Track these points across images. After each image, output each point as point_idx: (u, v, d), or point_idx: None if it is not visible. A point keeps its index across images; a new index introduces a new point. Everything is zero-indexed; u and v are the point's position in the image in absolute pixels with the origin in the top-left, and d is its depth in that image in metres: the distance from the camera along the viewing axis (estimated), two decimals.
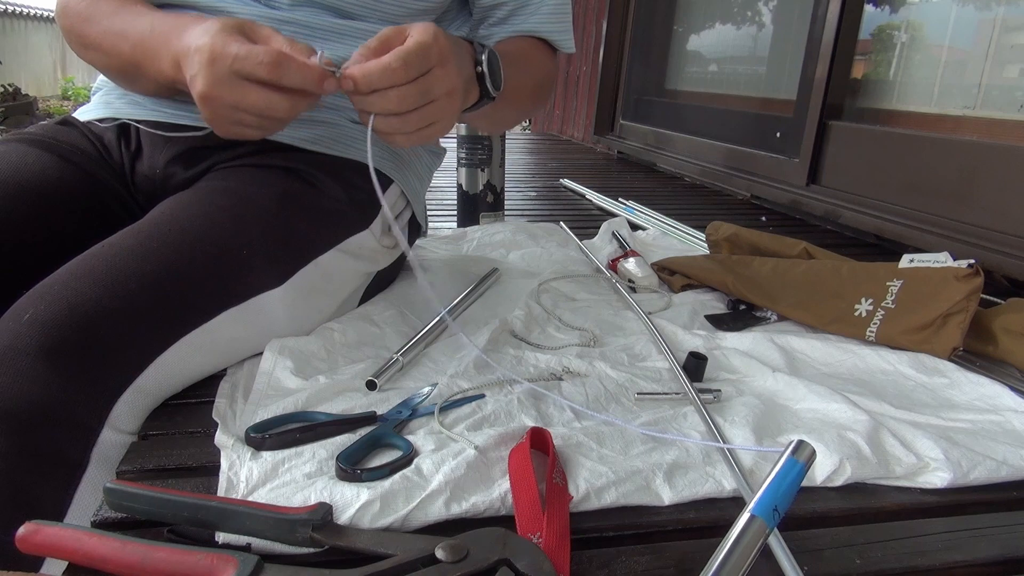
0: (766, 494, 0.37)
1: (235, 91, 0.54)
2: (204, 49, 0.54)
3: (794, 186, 1.64)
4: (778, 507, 0.37)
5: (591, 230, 1.23)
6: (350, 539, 0.41)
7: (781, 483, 0.38)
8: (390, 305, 0.80)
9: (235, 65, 0.53)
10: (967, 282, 0.72)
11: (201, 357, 0.61)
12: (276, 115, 0.55)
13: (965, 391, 0.65)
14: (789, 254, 0.95)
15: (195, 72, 0.55)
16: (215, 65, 0.53)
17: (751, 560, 0.36)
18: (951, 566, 0.43)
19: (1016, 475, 0.52)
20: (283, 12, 0.71)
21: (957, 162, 1.25)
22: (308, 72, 0.53)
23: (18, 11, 9.08)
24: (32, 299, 0.53)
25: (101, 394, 0.52)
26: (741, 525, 0.37)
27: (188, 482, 0.48)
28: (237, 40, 0.54)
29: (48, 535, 0.38)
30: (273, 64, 0.52)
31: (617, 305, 0.87)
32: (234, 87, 0.53)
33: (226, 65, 0.53)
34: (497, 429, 0.52)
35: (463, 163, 1.26)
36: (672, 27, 2.64)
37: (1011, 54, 1.28)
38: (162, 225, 0.62)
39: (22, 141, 0.73)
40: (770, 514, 0.37)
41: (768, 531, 0.37)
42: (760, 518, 0.36)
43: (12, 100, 6.15)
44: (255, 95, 0.54)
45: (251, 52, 0.52)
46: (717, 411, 0.58)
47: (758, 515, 0.36)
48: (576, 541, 0.43)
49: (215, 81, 0.54)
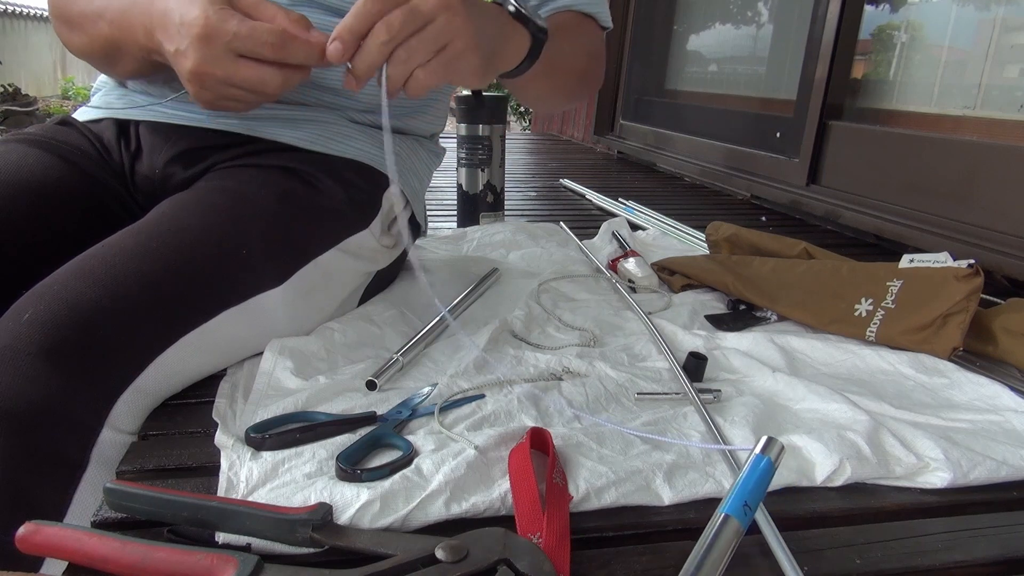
0: (737, 492, 0.39)
1: (228, 67, 0.52)
2: (196, 23, 0.52)
3: (794, 186, 1.64)
4: (748, 503, 0.38)
5: (591, 230, 1.23)
6: (350, 539, 0.41)
7: (749, 480, 0.40)
8: (390, 305, 0.80)
9: (234, 43, 0.51)
10: (967, 282, 0.72)
11: (201, 357, 0.61)
12: (268, 90, 0.54)
13: (965, 391, 0.65)
14: (789, 254, 0.95)
15: (183, 47, 0.53)
16: (210, 42, 0.52)
17: (727, 557, 0.37)
18: (951, 566, 0.43)
19: (1016, 475, 0.52)
20: None
21: (957, 162, 1.25)
22: (311, 49, 0.52)
23: (18, 11, 9.09)
24: (31, 299, 0.53)
25: (101, 394, 0.52)
26: (716, 525, 0.38)
27: (188, 482, 0.48)
28: (233, 15, 0.52)
29: (48, 535, 0.38)
30: (279, 44, 0.51)
31: (617, 305, 0.87)
32: (228, 64, 0.52)
33: (223, 42, 0.51)
34: (497, 429, 0.52)
35: (463, 163, 1.26)
36: (672, 27, 2.64)
37: (1011, 54, 1.28)
38: (162, 225, 0.62)
39: (21, 141, 0.73)
40: (741, 510, 0.38)
41: (742, 528, 0.38)
42: (733, 516, 0.38)
43: (12, 100, 6.16)
44: (249, 71, 0.53)
45: (254, 31, 0.51)
46: (717, 411, 0.58)
47: (731, 514, 0.38)
48: (576, 541, 0.43)
49: (208, 58, 0.52)
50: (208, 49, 0.52)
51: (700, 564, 0.35)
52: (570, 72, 0.78)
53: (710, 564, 0.36)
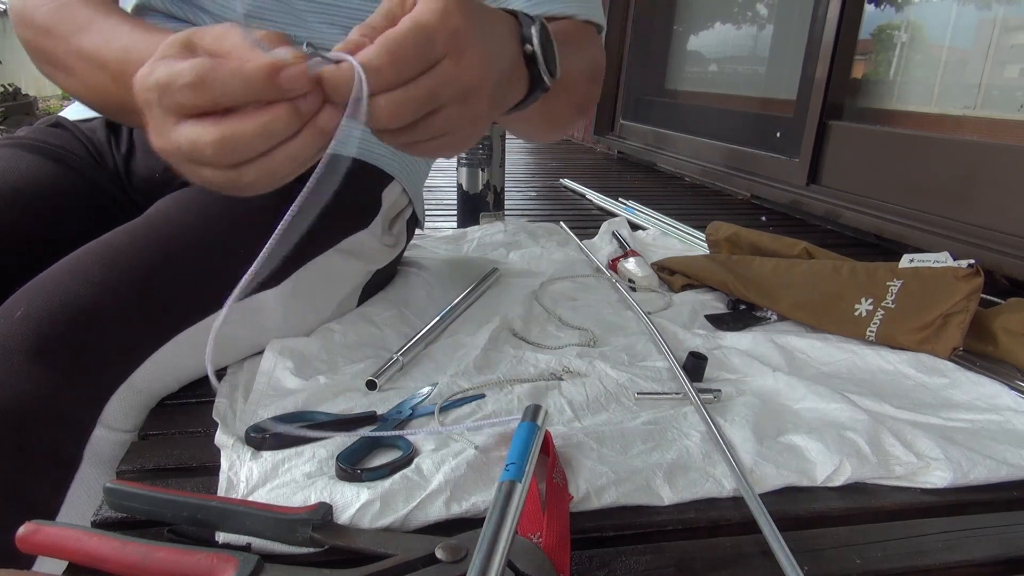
0: (508, 459, 0.42)
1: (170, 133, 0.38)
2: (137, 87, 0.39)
3: (794, 186, 1.64)
4: (515, 462, 0.41)
5: (591, 230, 1.23)
6: (350, 539, 0.41)
7: (516, 446, 0.43)
8: (390, 305, 0.80)
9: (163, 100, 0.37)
10: (967, 282, 0.72)
11: (196, 355, 0.60)
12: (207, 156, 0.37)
13: (965, 391, 0.65)
14: (789, 254, 0.95)
15: None
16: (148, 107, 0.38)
17: (515, 514, 0.38)
18: (951, 566, 0.43)
19: (1016, 475, 0.52)
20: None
21: (957, 162, 1.25)
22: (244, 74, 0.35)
23: None
24: (24, 296, 0.52)
25: (94, 392, 0.52)
26: (497, 494, 0.39)
27: (188, 482, 0.48)
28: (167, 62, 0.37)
29: (48, 535, 0.38)
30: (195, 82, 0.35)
31: (617, 305, 0.87)
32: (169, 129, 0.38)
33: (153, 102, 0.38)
34: (497, 429, 0.52)
35: (463, 163, 1.26)
36: (672, 27, 2.64)
37: (1011, 54, 1.28)
38: (158, 223, 0.62)
39: (14, 145, 0.73)
40: (511, 471, 0.40)
41: (517, 483, 0.39)
42: (506, 480, 0.40)
43: (12, 100, 6.15)
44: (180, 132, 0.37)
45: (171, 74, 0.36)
46: (717, 411, 0.58)
47: (504, 479, 0.40)
48: (576, 541, 0.43)
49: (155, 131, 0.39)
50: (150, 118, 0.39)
51: (496, 533, 0.36)
52: (567, 103, 0.64)
53: (508, 525, 0.37)
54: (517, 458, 0.41)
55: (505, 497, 0.38)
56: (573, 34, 0.67)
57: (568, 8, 0.69)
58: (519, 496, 0.39)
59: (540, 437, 0.45)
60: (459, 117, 0.41)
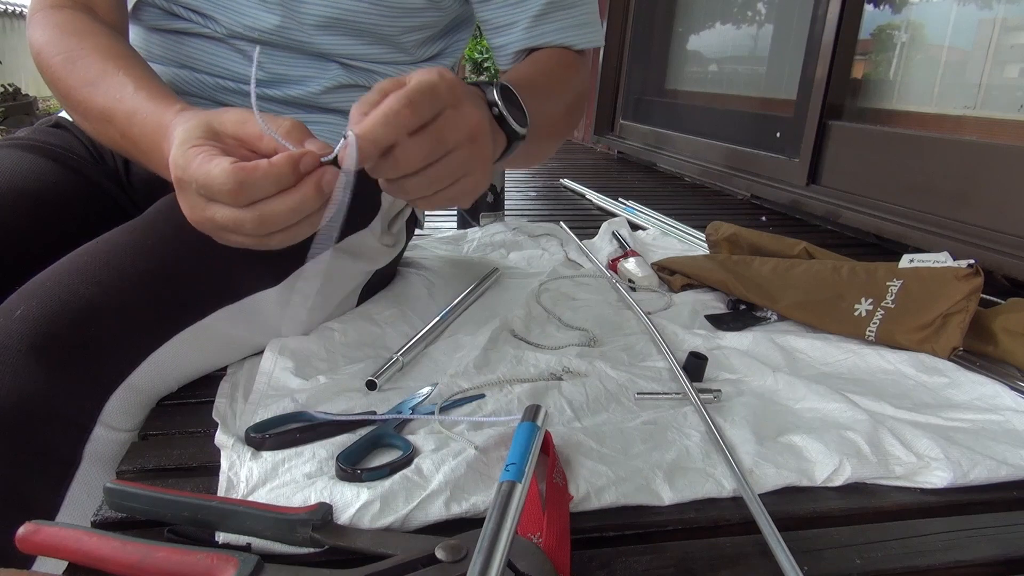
0: (508, 459, 0.42)
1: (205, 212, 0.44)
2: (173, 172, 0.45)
3: (794, 186, 1.64)
4: (515, 463, 0.41)
5: (591, 230, 1.23)
6: (350, 539, 0.41)
7: (517, 446, 0.43)
8: (390, 304, 0.80)
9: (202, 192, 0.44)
10: (967, 282, 0.72)
11: (195, 355, 0.61)
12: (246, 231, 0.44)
13: (965, 391, 0.65)
14: (789, 254, 0.95)
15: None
16: (182, 189, 0.45)
17: (515, 514, 0.38)
18: (951, 566, 0.43)
19: (1016, 475, 0.52)
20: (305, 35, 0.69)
21: (957, 162, 1.25)
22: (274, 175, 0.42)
23: (18, 11, 9.08)
24: (24, 296, 0.53)
25: (93, 391, 0.52)
26: (497, 494, 0.39)
27: (188, 482, 0.48)
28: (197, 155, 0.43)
29: (48, 535, 0.38)
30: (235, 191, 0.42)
31: (617, 305, 0.87)
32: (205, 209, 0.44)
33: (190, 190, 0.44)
34: (497, 429, 0.52)
35: None
36: (672, 27, 2.64)
37: (1011, 54, 1.28)
38: (157, 223, 0.62)
39: (15, 146, 0.73)
40: (511, 471, 0.41)
41: (518, 484, 0.40)
42: (506, 480, 0.40)
43: (12, 100, 6.15)
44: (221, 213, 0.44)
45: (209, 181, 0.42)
46: (717, 411, 0.58)
47: (505, 479, 0.40)
48: (576, 541, 0.43)
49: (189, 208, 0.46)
50: (183, 196, 0.45)
51: (496, 533, 0.36)
52: (547, 138, 0.68)
53: (508, 524, 0.37)
54: (517, 458, 0.41)
55: (505, 497, 0.38)
56: (553, 69, 0.70)
57: (566, 38, 0.71)
58: (519, 496, 0.39)
59: (540, 437, 0.45)
60: (470, 156, 0.46)
